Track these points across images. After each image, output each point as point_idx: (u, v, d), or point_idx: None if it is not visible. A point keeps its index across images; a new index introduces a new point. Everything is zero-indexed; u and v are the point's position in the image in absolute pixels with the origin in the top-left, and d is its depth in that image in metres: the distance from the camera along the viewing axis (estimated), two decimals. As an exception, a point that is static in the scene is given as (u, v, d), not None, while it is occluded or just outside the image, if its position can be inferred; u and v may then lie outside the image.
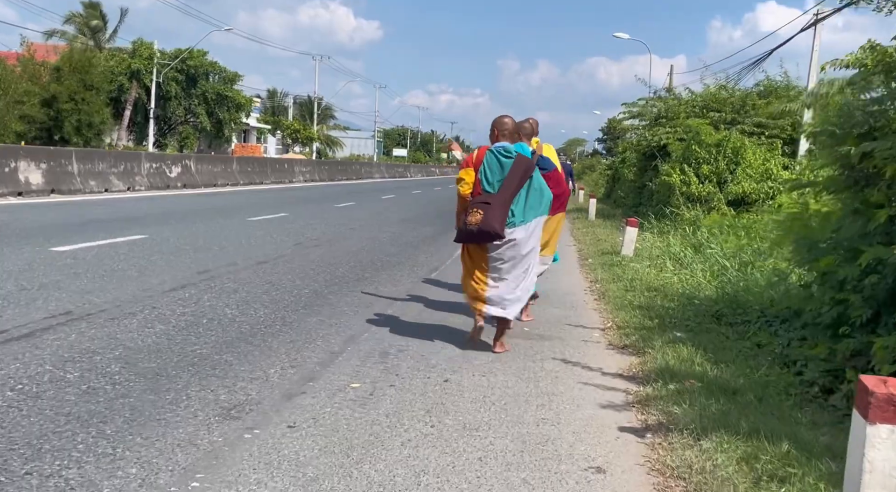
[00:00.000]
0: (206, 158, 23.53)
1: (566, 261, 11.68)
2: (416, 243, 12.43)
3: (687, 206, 15.72)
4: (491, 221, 5.21)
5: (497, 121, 5.60)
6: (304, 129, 73.38)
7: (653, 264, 10.50)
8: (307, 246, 10.81)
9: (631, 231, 11.73)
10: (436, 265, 10.11)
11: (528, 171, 5.44)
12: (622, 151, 31.97)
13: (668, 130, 19.35)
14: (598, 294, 8.67)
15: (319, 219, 15.27)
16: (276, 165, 29.48)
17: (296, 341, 5.42)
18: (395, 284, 8.26)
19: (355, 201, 22.07)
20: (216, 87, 50.25)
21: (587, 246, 13.72)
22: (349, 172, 40.93)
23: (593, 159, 68.54)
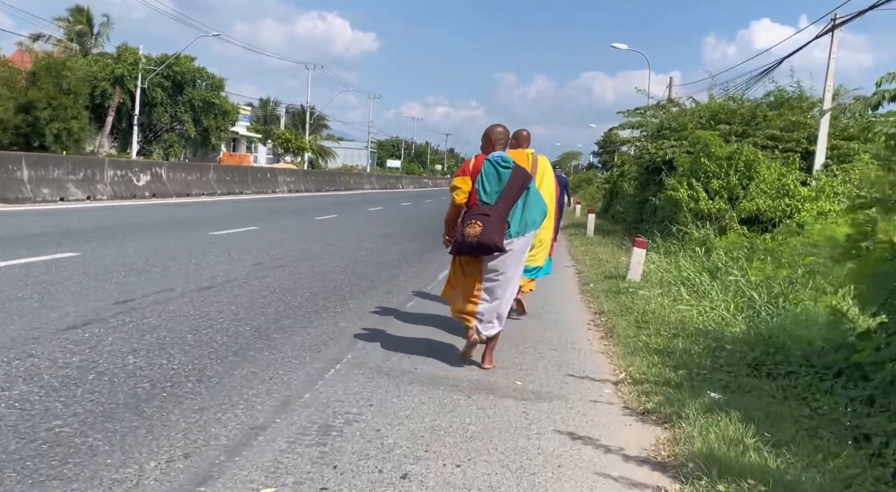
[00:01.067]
0: (180, 165, 22.09)
1: (565, 286, 10.31)
2: (397, 262, 11.03)
3: (696, 224, 14.36)
4: (491, 233, 5.08)
5: (491, 130, 5.45)
6: (295, 138, 72.15)
7: (665, 292, 9.13)
8: (268, 266, 9.39)
9: (638, 253, 10.36)
10: (416, 290, 8.72)
11: (526, 182, 5.30)
12: (620, 164, 30.68)
13: (674, 143, 18.03)
14: (605, 331, 7.28)
15: (293, 233, 13.86)
16: (258, 175, 28.00)
17: (207, 409, 4.01)
18: (362, 318, 6.85)
19: (339, 214, 20.67)
20: (202, 94, 48.89)
21: (587, 268, 12.34)
22: (337, 182, 39.47)
23: (590, 172, 67.29)
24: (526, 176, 5.33)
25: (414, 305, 7.79)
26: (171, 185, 20.64)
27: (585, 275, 11.48)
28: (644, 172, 20.12)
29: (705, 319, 7.64)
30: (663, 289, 9.38)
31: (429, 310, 7.53)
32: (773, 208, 14.00)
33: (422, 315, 7.27)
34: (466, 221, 5.19)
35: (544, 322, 7.57)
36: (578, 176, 69.57)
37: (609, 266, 12.27)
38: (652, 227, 17.44)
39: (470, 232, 5.10)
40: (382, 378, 4.96)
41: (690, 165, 15.60)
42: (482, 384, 5.04)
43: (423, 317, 7.18)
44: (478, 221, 5.11)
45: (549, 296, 9.39)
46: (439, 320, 7.05)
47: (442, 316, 7.21)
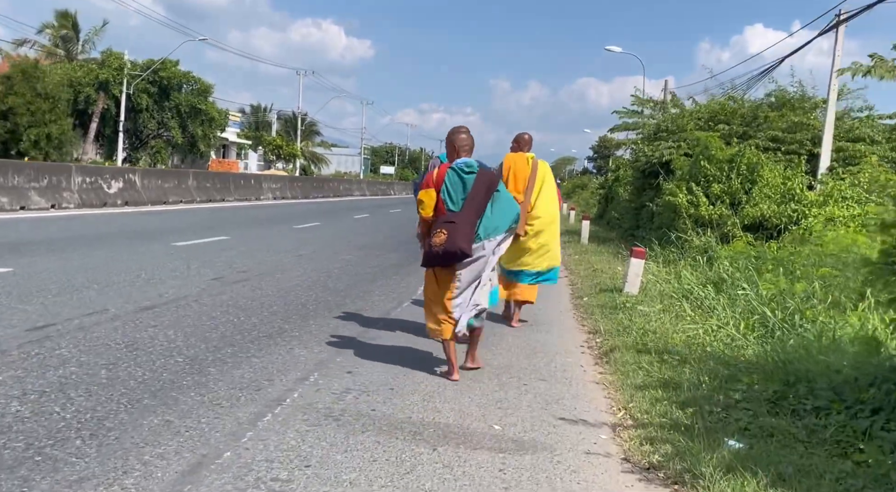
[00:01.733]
0: (155, 172, 21.13)
1: (557, 300, 9.44)
2: (374, 276, 10.15)
3: (696, 231, 13.51)
4: (456, 240, 4.97)
5: (454, 137, 5.28)
6: (286, 145, 71.28)
7: (666, 308, 8.26)
8: (228, 281, 8.50)
9: (636, 264, 9.48)
10: (390, 307, 7.84)
11: (493, 185, 5.19)
12: (615, 168, 29.86)
13: (671, 145, 17.20)
14: (600, 354, 6.41)
15: (265, 243, 12.96)
16: (241, 182, 27.02)
17: (86, 481, 3.11)
18: (322, 344, 5.96)
19: (321, 221, 19.77)
20: (189, 99, 47.94)
21: (581, 279, 11.47)
22: (326, 189, 38.53)
23: (584, 178, 66.50)
24: (492, 179, 5.20)
25: (385, 326, 6.90)
26: (146, 192, 19.69)
27: (579, 287, 10.61)
28: (640, 176, 19.28)
29: (713, 339, 6.78)
30: (664, 304, 8.51)
31: (401, 333, 6.64)
32: (778, 214, 13.16)
33: (392, 339, 6.39)
34: (433, 231, 5.10)
35: (532, 344, 6.69)
36: (573, 181, 68.80)
37: (605, 277, 11.40)
38: (649, 234, 16.60)
39: (436, 241, 5.01)
40: (330, 425, 4.07)
41: (689, 169, 14.77)
42: (452, 431, 4.15)
43: (392, 341, 6.30)
44: (443, 230, 5.01)
45: (539, 311, 8.52)
46: (411, 346, 6.17)
47: (416, 340, 6.34)
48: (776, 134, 16.27)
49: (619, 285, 9.96)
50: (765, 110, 17.51)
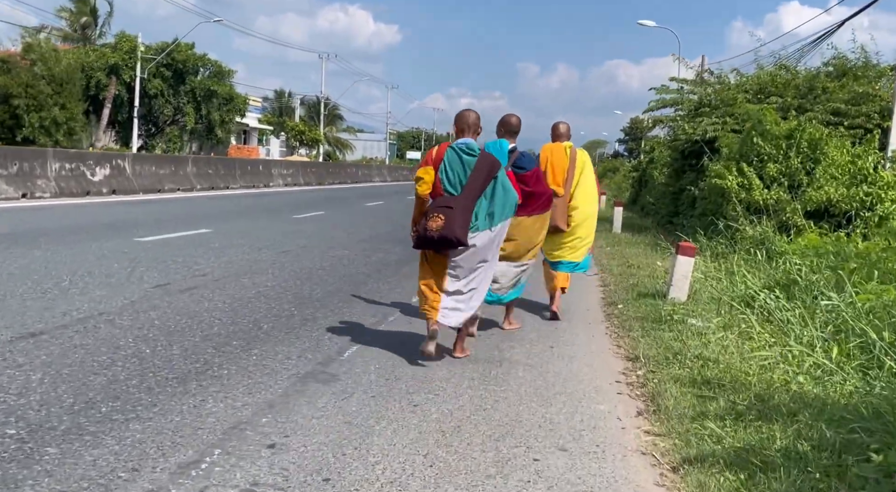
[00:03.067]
0: (148, 157, 19.51)
1: (585, 308, 7.66)
2: (365, 277, 8.44)
3: (748, 218, 11.61)
4: (453, 226, 4.76)
5: (458, 115, 5.17)
6: (309, 130, 69.87)
7: (727, 322, 6.44)
8: (174, 289, 6.84)
9: (685, 263, 7.63)
10: (369, 327, 6.12)
11: (493, 170, 5.00)
12: (649, 149, 27.79)
13: (714, 121, 15.21)
14: (646, 398, 4.63)
15: (250, 237, 11.29)
16: (248, 167, 25.31)
17: None
18: (249, 392, 4.24)
19: (327, 210, 18.09)
20: (205, 83, 46.53)
21: (615, 278, 9.64)
22: (343, 175, 36.77)
23: (615, 161, 64.07)
24: (493, 163, 5.02)
25: (352, 360, 5.14)
26: (138, 179, 18.09)
27: (612, 289, 8.80)
28: (679, 157, 17.30)
29: (798, 371, 4.96)
30: (722, 315, 6.68)
31: (372, 374, 4.89)
32: (847, 198, 11.19)
33: (354, 384, 4.65)
34: (429, 214, 4.88)
35: (550, 379, 4.93)
36: (604, 165, 66.42)
37: (643, 275, 9.57)
38: (691, 221, 14.69)
39: (432, 225, 4.79)
40: None
41: (739, 147, 12.83)
42: None
43: (354, 387, 4.56)
44: (440, 214, 4.80)
45: (563, 324, 6.76)
46: (378, 400, 4.43)
47: (388, 390, 4.61)
48: (837, 107, 14.20)
49: (661, 288, 8.14)
50: (822, 81, 15.42)
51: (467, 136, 5.05)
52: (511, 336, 6.15)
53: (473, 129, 5.10)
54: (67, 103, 34.79)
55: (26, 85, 33.20)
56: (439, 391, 4.48)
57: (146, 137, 47.48)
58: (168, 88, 45.42)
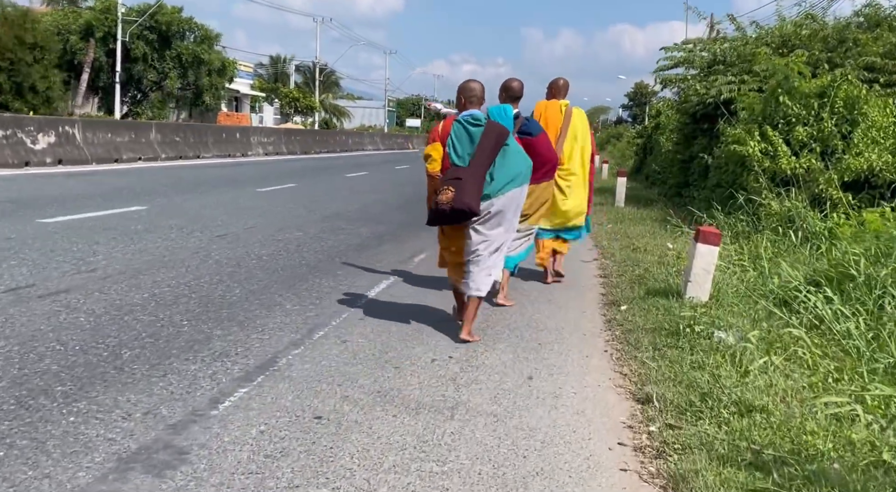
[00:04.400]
0: (103, 123, 17.69)
1: (578, 308, 6.04)
2: (305, 272, 6.82)
3: (775, 191, 9.94)
4: (464, 197, 4.63)
5: (463, 86, 4.98)
6: (304, 97, 67.82)
7: (768, 337, 4.81)
8: (28, 295, 5.21)
9: (707, 253, 5.96)
10: (288, 344, 4.51)
11: (501, 138, 4.84)
12: (655, 114, 25.94)
13: (731, 79, 13.45)
14: (664, 485, 3.00)
15: (188, 217, 9.64)
16: (223, 135, 23.37)
17: None
18: (86, 451, 2.63)
19: (300, 181, 16.39)
20: (191, 48, 44.45)
21: (617, 266, 8.00)
22: (332, 143, 34.76)
23: (619, 127, 61.96)
24: (501, 131, 4.85)
25: (221, 418, 3.52)
26: (90, 148, 16.30)
27: (615, 282, 7.15)
28: (690, 120, 15.53)
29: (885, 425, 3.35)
30: (759, 328, 5.04)
31: (249, 441, 3.28)
32: (892, 166, 9.51)
33: (213, 460, 3.03)
34: (439, 189, 4.72)
35: (521, 441, 3.31)
36: (607, 131, 64.34)
37: (651, 262, 7.94)
38: (703, 194, 13.01)
39: (442, 199, 4.65)
40: None
41: (762, 108, 11.09)
42: None
43: (206, 471, 2.94)
44: (450, 187, 4.66)
45: (547, 331, 5.17)
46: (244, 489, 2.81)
47: (266, 470, 2.99)
48: (872, 61, 12.39)
49: (674, 282, 6.51)
50: (854, 32, 13.60)
51: (473, 107, 4.90)
52: (479, 357, 4.54)
53: (479, 100, 4.95)
54: (46, 70, 32.95)
55: (6, 50, 31.35)
56: (340, 482, 2.86)
57: (131, 104, 45.56)
58: (152, 52, 43.37)
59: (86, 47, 39.12)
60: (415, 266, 7.43)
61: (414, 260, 7.76)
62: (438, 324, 5.20)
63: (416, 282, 6.66)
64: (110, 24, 40.15)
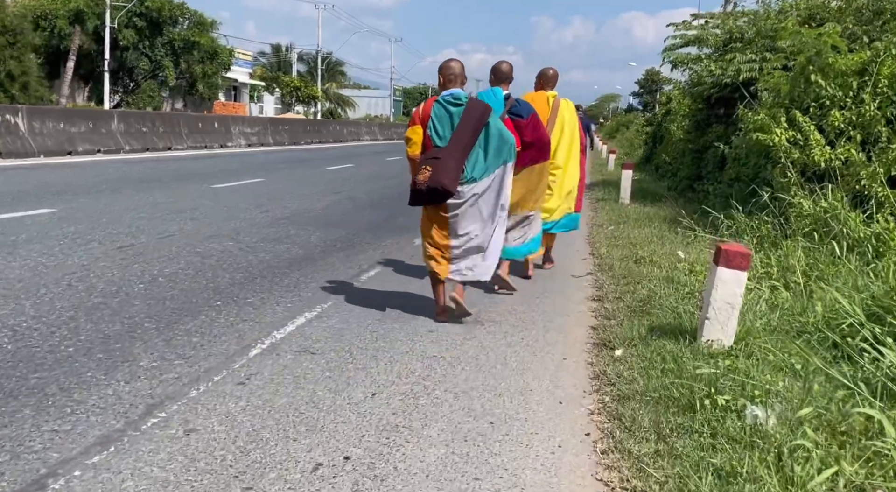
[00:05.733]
0: (54, 112, 16.04)
1: (557, 358, 4.45)
2: (202, 303, 5.28)
3: (804, 186, 8.38)
4: (439, 176, 4.58)
5: (442, 65, 4.89)
6: (305, 86, 66.27)
7: (826, 420, 3.22)
8: None
9: (731, 281, 4.34)
10: (119, 429, 2.94)
11: (483, 116, 4.77)
12: (665, 101, 24.23)
13: (751, 58, 11.79)
14: None
15: (99, 222, 8.10)
16: (200, 125, 21.69)
17: None
18: None
19: (271, 176, 14.81)
20: (185, 34, 42.90)
21: (616, 282, 6.42)
22: (325, 133, 32.99)
23: (630, 115, 59.99)
24: (483, 110, 4.78)
25: None
26: (37, 139, 14.71)
27: (609, 308, 5.57)
28: (704, 105, 13.88)
29: None
30: (806, 391, 3.45)
31: None
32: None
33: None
34: (419, 168, 4.68)
35: None
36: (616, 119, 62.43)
37: (657, 278, 6.35)
38: (719, 188, 11.40)
39: (420, 178, 4.63)
40: None
41: (790, 89, 9.46)
42: None
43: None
44: (427, 166, 4.62)
45: (507, 396, 3.61)
46: None
47: None
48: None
49: (687, 313, 4.93)
50: (892, 2, 11.90)
51: (454, 86, 4.83)
52: (395, 456, 2.97)
53: (459, 78, 4.87)
54: (20, 55, 31.54)
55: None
56: None
57: (123, 94, 44.13)
58: (143, 40, 41.85)
59: (72, 33, 37.63)
60: (356, 288, 5.88)
61: (361, 278, 6.22)
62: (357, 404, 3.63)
63: (349, 317, 5.10)
64: (101, 10, 38.68)
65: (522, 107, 5.78)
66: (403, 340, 4.60)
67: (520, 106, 5.75)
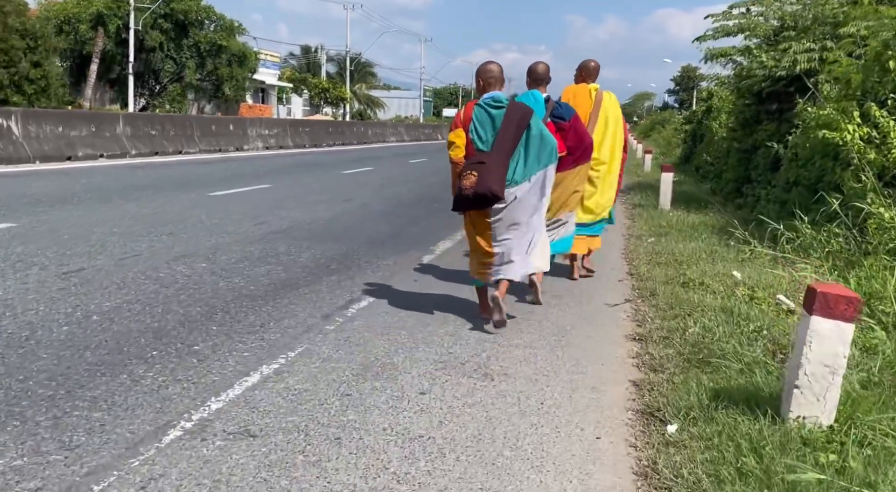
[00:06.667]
0: (52, 115, 15.04)
1: (586, 437, 3.23)
2: (142, 350, 4.20)
3: (885, 193, 7.10)
4: (487, 182, 4.54)
5: (481, 68, 4.83)
6: (334, 87, 65.60)
7: None
8: None
9: (831, 334, 3.12)
10: None
11: (525, 119, 4.70)
12: (706, 97, 22.77)
13: (809, 47, 10.45)
14: None
15: (62, 240, 7.10)
16: (213, 127, 20.64)
17: None
18: None
19: (280, 182, 13.75)
20: (210, 36, 42.28)
21: (661, 314, 5.20)
22: (348, 135, 31.85)
23: (665, 113, 58.13)
24: (524, 112, 4.71)
25: None
26: (32, 143, 13.76)
27: (655, 356, 4.37)
28: (753, 101, 12.52)
29: None
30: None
31: None
32: None
33: None
34: (463, 173, 4.63)
35: None
36: (651, 117, 60.61)
37: (712, 308, 5.14)
38: (773, 194, 10.09)
39: (465, 184, 4.57)
40: None
41: (862, 79, 8.15)
42: None
43: None
44: (473, 171, 4.57)
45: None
46: None
47: None
48: None
49: (765, 380, 3.71)
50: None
51: (493, 89, 4.78)
52: None
53: (499, 81, 4.81)
54: (41, 59, 31.06)
55: (0, 42, 29.56)
56: None
57: (149, 96, 43.66)
58: (168, 42, 41.29)
59: (95, 36, 37.16)
60: (337, 326, 4.74)
61: (347, 312, 5.09)
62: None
63: (318, 372, 3.97)
64: (123, 13, 38.19)
65: (564, 109, 5.64)
66: (383, 408, 3.47)
67: (561, 108, 5.62)
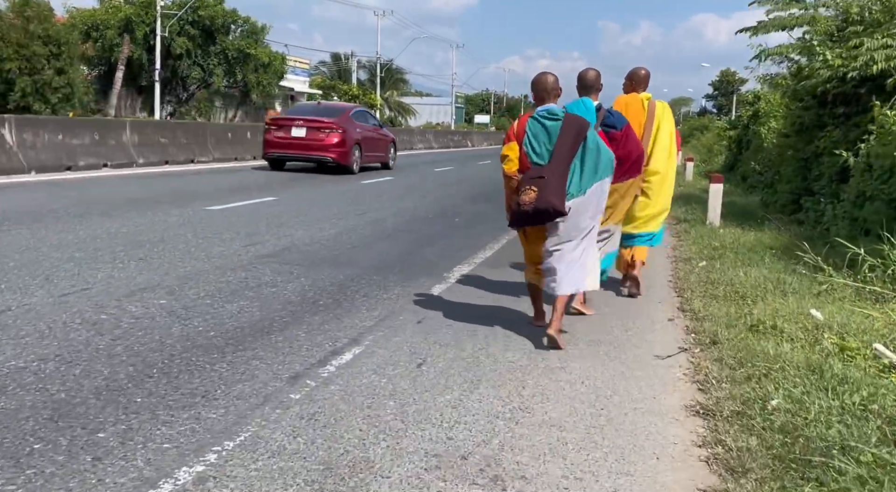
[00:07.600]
0: (50, 122, 14.04)
1: None
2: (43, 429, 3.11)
3: None
4: (548, 197, 4.42)
5: (535, 80, 4.73)
6: (363, 94, 65.01)
7: None
8: None
9: None
10: None
11: (582, 131, 4.58)
12: (753, 100, 21.33)
13: (886, 43, 9.17)
14: None
15: (6, 268, 6.11)
16: (229, 135, 19.55)
17: None
18: None
19: (288, 194, 12.70)
20: (237, 43, 41.75)
21: (728, 372, 4.01)
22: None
23: (703, 118, 56.33)
24: (581, 125, 4.59)
25: None
26: (28, 153, 12.76)
27: (730, 438, 3.17)
28: (813, 104, 11.19)
29: None
30: None
31: None
32: None
33: None
34: (521, 188, 4.52)
35: None
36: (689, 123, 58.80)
37: (795, 370, 3.92)
38: (841, 208, 8.80)
39: (525, 199, 4.47)
40: None
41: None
42: None
43: None
44: (532, 186, 4.46)
45: None
46: None
47: None
48: None
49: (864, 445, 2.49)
50: None
51: (548, 102, 4.66)
52: None
53: (553, 93, 4.69)
54: (65, 65, 30.65)
55: (18, 45, 29.19)
56: None
57: (176, 104, 43.26)
58: (195, 48, 40.81)
59: (122, 43, 36.75)
60: (305, 394, 3.64)
61: (322, 371, 3.98)
62: None
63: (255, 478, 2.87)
64: (151, 19, 37.79)
65: (616, 118, 5.44)
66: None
67: (613, 117, 5.42)
